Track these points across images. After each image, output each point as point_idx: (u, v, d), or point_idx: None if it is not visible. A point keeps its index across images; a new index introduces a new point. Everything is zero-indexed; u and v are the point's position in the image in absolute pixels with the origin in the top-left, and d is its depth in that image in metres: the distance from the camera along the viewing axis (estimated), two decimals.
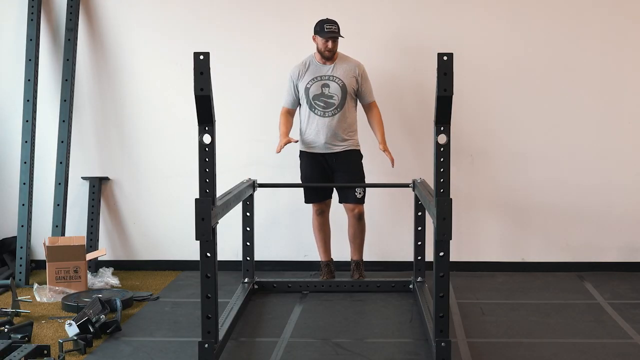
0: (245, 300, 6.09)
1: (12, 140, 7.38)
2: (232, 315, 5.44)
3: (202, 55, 4.05)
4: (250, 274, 6.52)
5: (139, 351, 5.26)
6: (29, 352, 4.86)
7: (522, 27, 7.11)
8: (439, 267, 4.40)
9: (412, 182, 6.34)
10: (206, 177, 4.29)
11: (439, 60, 4.07)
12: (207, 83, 4.04)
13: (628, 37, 7.08)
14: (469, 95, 7.06)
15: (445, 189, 4.20)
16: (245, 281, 6.49)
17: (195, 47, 7.06)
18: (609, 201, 7.24)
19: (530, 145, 7.20)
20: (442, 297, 4.27)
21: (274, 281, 6.69)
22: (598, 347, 5.33)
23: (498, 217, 7.30)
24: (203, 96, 4.08)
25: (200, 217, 4.22)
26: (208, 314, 4.37)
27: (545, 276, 7.12)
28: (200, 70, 4.04)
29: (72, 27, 7.19)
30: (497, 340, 5.49)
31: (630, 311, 6.07)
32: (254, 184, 6.34)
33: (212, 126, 4.17)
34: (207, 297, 4.23)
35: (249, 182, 6.24)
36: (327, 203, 6.85)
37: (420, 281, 6.36)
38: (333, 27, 6.51)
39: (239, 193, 5.54)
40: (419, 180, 6.21)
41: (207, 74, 4.06)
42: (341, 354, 5.19)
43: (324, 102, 6.59)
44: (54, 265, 6.60)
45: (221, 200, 4.74)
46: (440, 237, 4.14)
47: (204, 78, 4.05)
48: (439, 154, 4.23)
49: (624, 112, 7.15)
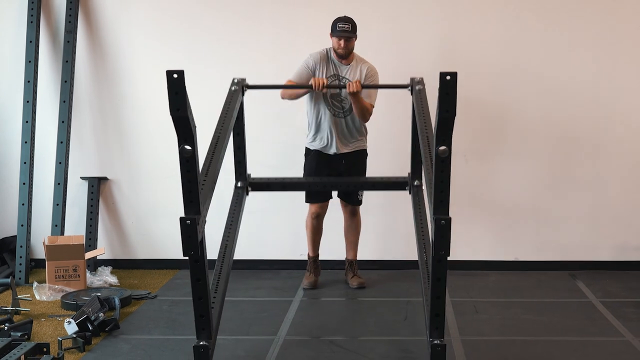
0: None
1: (12, 140, 7.36)
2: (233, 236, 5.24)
3: (176, 73, 3.66)
4: (243, 176, 5.80)
5: (137, 349, 5.26)
6: (29, 350, 4.85)
7: (515, 28, 7.10)
8: (437, 284, 4.24)
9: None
10: (189, 192, 3.95)
11: (442, 80, 3.67)
12: (184, 102, 3.67)
13: (620, 38, 7.06)
14: (462, 95, 7.02)
15: (445, 206, 3.95)
16: (239, 185, 5.77)
17: (192, 49, 7.15)
18: (600, 201, 7.23)
19: (523, 145, 7.19)
20: (439, 299, 4.21)
21: (268, 182, 6.01)
22: (590, 345, 5.34)
23: (491, 216, 7.30)
24: (180, 117, 3.72)
25: (186, 235, 3.94)
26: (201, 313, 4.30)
27: (538, 275, 7.11)
28: (174, 90, 3.66)
29: (71, 29, 7.17)
30: (490, 338, 5.50)
31: (622, 309, 6.08)
32: (242, 88, 5.56)
33: (192, 141, 3.87)
34: (200, 299, 4.18)
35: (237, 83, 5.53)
36: (325, 206, 6.72)
37: (417, 185, 5.66)
38: (346, 25, 6.30)
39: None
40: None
41: (183, 92, 3.67)
42: (336, 352, 5.19)
43: (339, 102, 6.43)
44: (54, 264, 6.59)
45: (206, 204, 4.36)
46: (438, 255, 4.04)
47: (179, 98, 3.67)
48: (439, 166, 3.87)
49: (616, 111, 7.14)
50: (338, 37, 6.31)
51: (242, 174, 5.74)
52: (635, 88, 7.11)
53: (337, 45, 6.34)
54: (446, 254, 3.98)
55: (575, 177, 7.22)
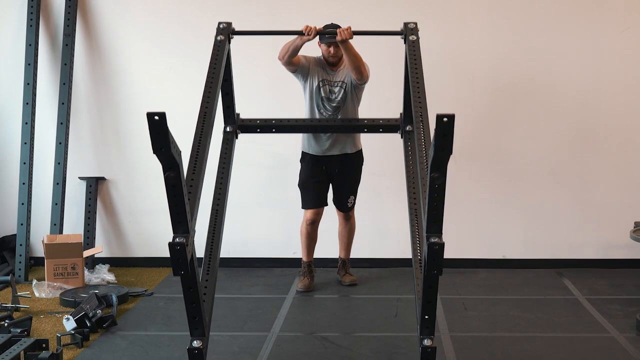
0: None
1: (12, 141, 7.37)
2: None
3: (157, 115, 3.45)
4: (231, 120, 5.59)
5: (134, 345, 5.27)
6: (28, 346, 4.87)
7: (503, 31, 7.12)
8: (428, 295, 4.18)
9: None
10: (177, 214, 3.85)
11: (438, 122, 3.40)
12: (166, 141, 3.50)
13: (607, 41, 7.10)
14: (451, 98, 7.08)
15: (439, 226, 3.79)
16: (228, 130, 5.56)
17: (189, 52, 7.15)
18: (586, 201, 7.26)
19: (511, 146, 7.22)
20: (430, 303, 4.15)
21: (258, 124, 5.76)
22: (576, 341, 5.36)
23: (480, 215, 7.31)
24: (164, 155, 3.57)
25: (176, 258, 3.84)
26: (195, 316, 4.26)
27: (525, 273, 7.13)
28: (157, 131, 3.47)
29: (70, 32, 7.18)
30: (479, 334, 5.51)
31: (607, 306, 6.10)
32: (228, 36, 5.33)
33: (177, 169, 3.75)
34: (192, 304, 4.14)
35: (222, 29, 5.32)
36: (321, 212, 6.62)
37: (409, 130, 5.43)
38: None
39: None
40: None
41: (165, 132, 3.48)
42: (329, 348, 5.21)
43: (330, 105, 6.34)
44: (53, 262, 6.60)
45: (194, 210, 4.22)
46: (430, 274, 3.96)
47: (161, 137, 3.49)
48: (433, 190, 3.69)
49: (601, 112, 7.17)
50: (327, 44, 6.23)
51: (231, 117, 5.57)
52: (618, 90, 7.17)
53: (327, 53, 6.28)
54: (438, 274, 3.93)
55: (561, 177, 7.24)
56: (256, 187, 7.31)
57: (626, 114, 7.18)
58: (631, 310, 5.91)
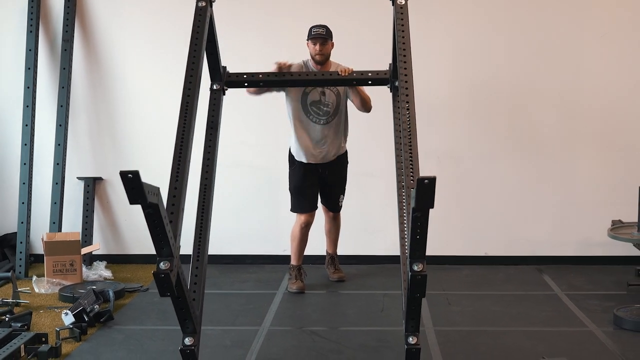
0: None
1: (12, 143, 7.38)
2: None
3: (131, 174, 3.39)
4: (218, 77, 5.28)
5: (130, 338, 5.29)
6: (28, 340, 4.90)
7: (487, 36, 7.16)
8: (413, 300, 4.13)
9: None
10: (160, 241, 3.77)
11: (419, 184, 3.28)
12: (142, 194, 3.48)
13: (589, 44, 7.14)
14: (436, 100, 7.10)
15: (422, 256, 3.65)
16: (215, 87, 5.24)
17: (183, 56, 7.14)
18: (566, 200, 7.29)
19: (493, 146, 7.24)
20: (414, 309, 4.10)
21: (245, 79, 5.43)
22: (556, 334, 5.38)
23: (463, 214, 7.34)
24: (141, 204, 3.58)
25: (161, 284, 3.71)
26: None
27: (507, 269, 7.15)
28: (131, 187, 3.44)
29: (68, 38, 7.20)
30: (462, 328, 5.54)
31: (586, 301, 6.13)
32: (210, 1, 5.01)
33: (156, 204, 3.65)
34: (181, 310, 4.10)
35: None
36: (314, 215, 6.56)
37: (397, 85, 4.82)
38: (320, 30, 6.16)
39: None
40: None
41: (139, 187, 3.46)
42: (317, 342, 5.23)
43: (320, 109, 6.28)
44: (52, 259, 6.60)
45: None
46: (413, 295, 3.91)
47: (136, 191, 3.48)
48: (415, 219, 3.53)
49: (580, 112, 7.20)
50: (313, 40, 6.17)
51: (217, 74, 5.23)
52: (598, 91, 7.20)
53: (313, 51, 6.20)
54: (421, 297, 3.83)
55: (541, 177, 7.27)
56: (247, 187, 7.34)
57: (604, 115, 7.22)
58: (608, 305, 5.93)
